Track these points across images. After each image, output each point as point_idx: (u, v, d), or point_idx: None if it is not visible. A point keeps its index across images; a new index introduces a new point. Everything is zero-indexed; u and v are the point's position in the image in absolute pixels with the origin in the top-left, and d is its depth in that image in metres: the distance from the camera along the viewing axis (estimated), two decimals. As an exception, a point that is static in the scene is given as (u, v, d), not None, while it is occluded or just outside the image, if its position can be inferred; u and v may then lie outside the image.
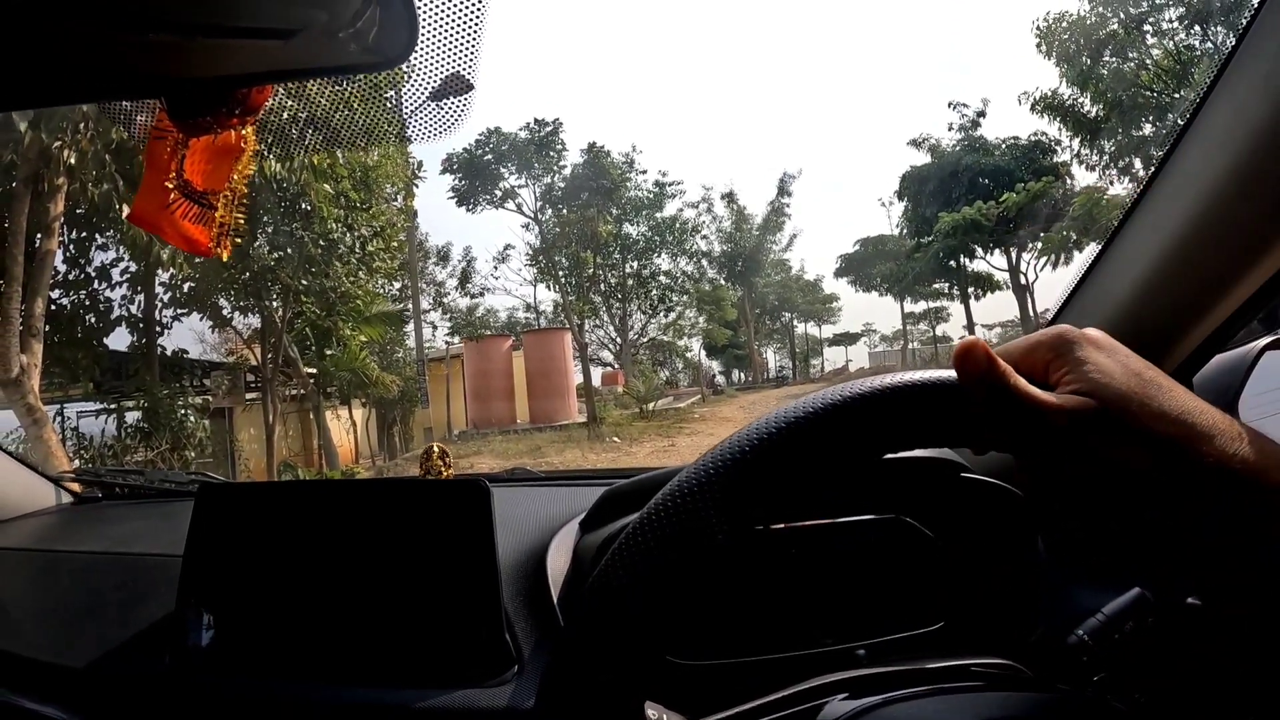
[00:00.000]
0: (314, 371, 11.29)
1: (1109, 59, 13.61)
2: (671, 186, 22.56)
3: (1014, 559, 0.66)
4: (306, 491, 0.77)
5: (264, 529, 0.73)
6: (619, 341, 23.32)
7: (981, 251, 17.56)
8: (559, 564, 0.70)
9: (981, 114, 19.39)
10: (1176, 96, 12.38)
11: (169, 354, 9.53)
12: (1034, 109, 14.76)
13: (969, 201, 16.70)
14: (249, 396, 11.35)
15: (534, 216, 19.61)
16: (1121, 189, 13.65)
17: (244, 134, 0.70)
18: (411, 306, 15.29)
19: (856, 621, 0.66)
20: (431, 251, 21.80)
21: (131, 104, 0.72)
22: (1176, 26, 12.93)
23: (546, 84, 56.44)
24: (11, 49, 0.41)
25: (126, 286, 8.83)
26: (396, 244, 11.35)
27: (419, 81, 0.60)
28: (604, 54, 61.19)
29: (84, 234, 8.28)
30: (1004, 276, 18.01)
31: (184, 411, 9.36)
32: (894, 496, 0.68)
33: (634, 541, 0.40)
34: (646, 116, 54.69)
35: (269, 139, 0.75)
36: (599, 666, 0.43)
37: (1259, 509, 0.33)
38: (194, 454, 9.10)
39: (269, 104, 0.66)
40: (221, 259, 0.82)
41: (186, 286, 9.29)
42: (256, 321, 10.38)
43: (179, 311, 9.58)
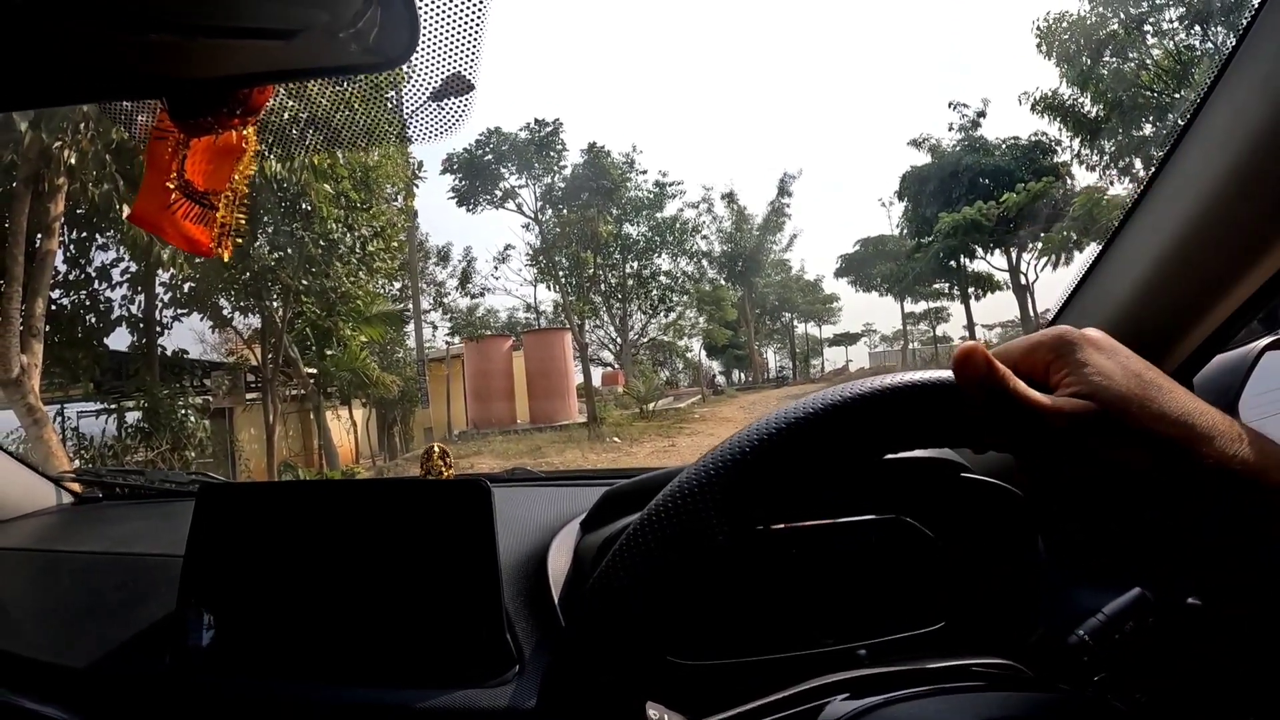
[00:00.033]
0: (314, 371, 11.30)
1: (1109, 59, 13.62)
2: (671, 186, 22.66)
3: (1014, 559, 0.66)
4: (307, 492, 0.77)
5: (265, 529, 0.73)
6: (619, 342, 23.34)
7: (982, 252, 17.58)
8: (560, 564, 0.70)
9: (982, 114, 19.42)
10: (1177, 97, 12.38)
11: (169, 354, 9.54)
12: (1034, 109, 14.77)
13: (969, 201, 16.70)
14: (249, 397, 11.35)
15: (534, 216, 19.64)
16: (1122, 189, 13.67)
17: (245, 134, 0.70)
18: (412, 306, 15.29)
19: (857, 622, 0.66)
20: (432, 252, 21.86)
21: (132, 104, 0.72)
22: (1176, 27, 12.95)
23: (546, 84, 56.55)
24: (12, 49, 0.41)
25: (127, 286, 8.85)
26: (397, 244, 11.36)
27: (420, 82, 0.60)
28: (604, 54, 61.27)
29: (84, 234, 8.29)
30: (1004, 277, 18.03)
31: (184, 412, 9.36)
32: (894, 497, 0.68)
33: (635, 542, 0.40)
34: (646, 116, 54.82)
35: (270, 139, 0.75)
36: (600, 667, 0.43)
37: (1259, 509, 0.33)
38: (194, 454, 9.10)
39: (270, 104, 0.66)
40: (222, 259, 0.82)
41: (187, 287, 9.30)
42: (257, 321, 10.39)
43: (179, 311, 9.60)
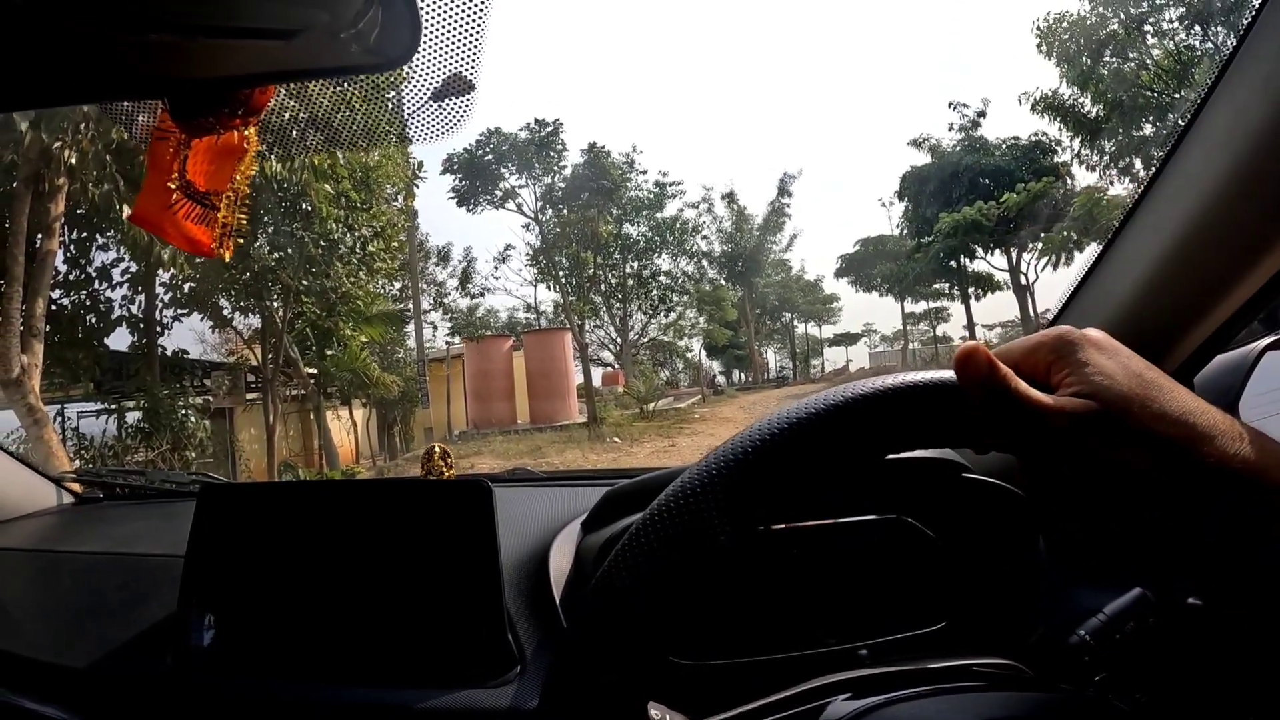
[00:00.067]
0: (314, 372, 11.30)
1: (1109, 59, 13.61)
2: (672, 186, 22.66)
3: (1015, 559, 0.66)
4: (309, 492, 0.77)
5: (266, 529, 0.73)
6: (619, 342, 23.33)
7: (982, 252, 17.58)
8: (561, 564, 0.70)
9: (982, 114, 19.41)
10: (1177, 97, 12.37)
11: (169, 354, 9.54)
12: (1034, 109, 14.77)
13: (969, 202, 16.69)
14: (249, 397, 11.35)
15: (534, 217, 19.63)
16: (1122, 189, 13.67)
17: (247, 135, 0.70)
18: (412, 307, 15.30)
19: (858, 622, 0.66)
20: (432, 252, 21.85)
21: (133, 105, 0.73)
22: (1177, 27, 12.94)
23: (547, 84, 56.56)
24: (13, 49, 0.41)
25: (127, 287, 8.86)
26: (397, 244, 11.37)
27: (421, 82, 0.60)
28: (604, 54, 61.28)
29: (85, 234, 8.30)
30: (1004, 277, 18.02)
31: (184, 412, 9.36)
32: (895, 497, 0.68)
33: (637, 543, 0.40)
34: (646, 116, 54.85)
35: (270, 139, 0.75)
36: (602, 667, 0.43)
37: (1259, 509, 0.33)
38: (194, 454, 9.10)
39: (271, 104, 0.66)
40: (223, 259, 0.83)
41: (187, 287, 9.30)
42: (257, 322, 10.40)
43: (179, 312, 9.61)
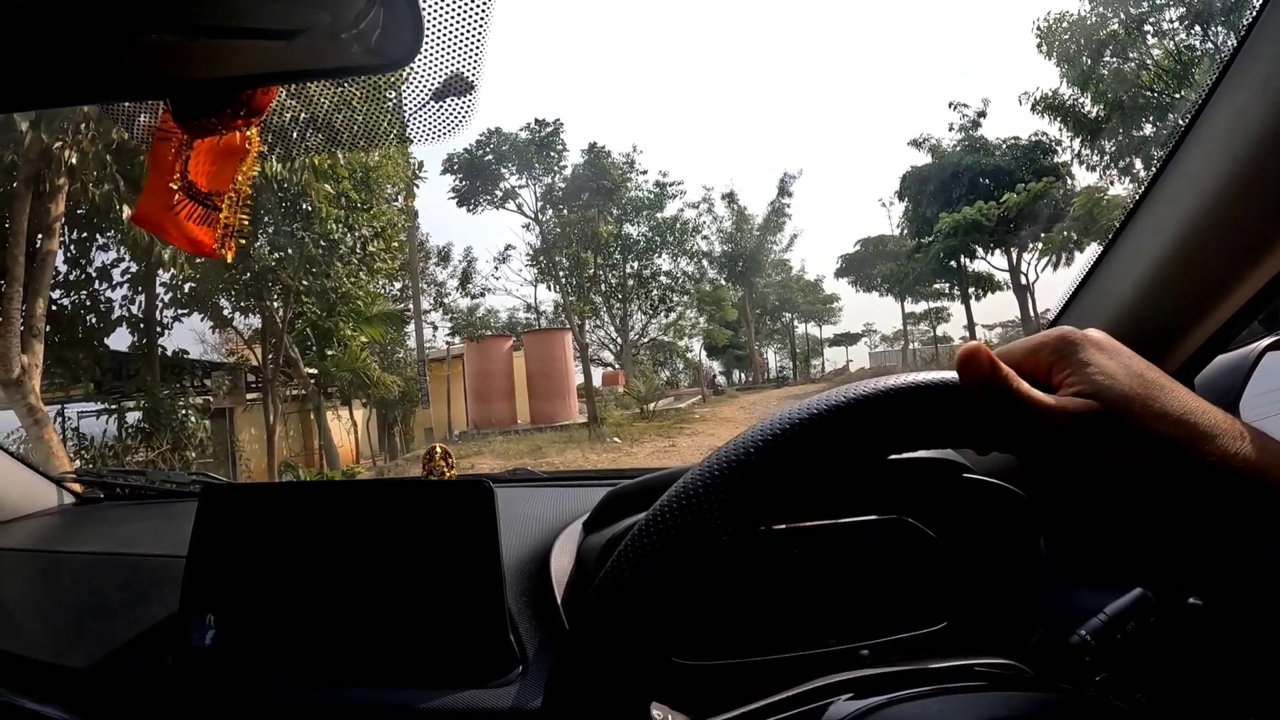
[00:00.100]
0: (315, 372, 11.30)
1: (1110, 59, 13.60)
2: (672, 186, 22.61)
3: (1016, 559, 0.66)
4: (309, 492, 0.77)
5: (267, 530, 0.73)
6: (619, 342, 23.32)
7: (982, 252, 17.56)
8: (563, 565, 0.70)
9: (982, 114, 19.39)
10: (1177, 97, 12.37)
11: (170, 354, 9.53)
12: (1034, 109, 14.76)
13: (969, 202, 16.68)
14: (250, 397, 11.35)
15: (534, 217, 19.62)
16: (1122, 189, 13.66)
17: (248, 135, 0.70)
18: (412, 307, 15.29)
19: (860, 622, 0.67)
20: (432, 252, 21.83)
21: (134, 105, 0.73)
22: (1177, 27, 12.93)
23: (547, 84, 56.55)
24: (13, 49, 0.41)
25: (127, 287, 8.85)
26: (397, 244, 11.37)
27: (422, 83, 0.60)
28: (605, 54, 61.29)
29: (85, 234, 8.29)
30: (1004, 277, 18.01)
31: (185, 412, 9.35)
32: (896, 497, 0.69)
33: (640, 543, 0.40)
34: (646, 116, 54.83)
35: (272, 140, 0.75)
36: (604, 667, 0.43)
37: (1260, 509, 0.33)
38: (195, 454, 9.09)
39: (272, 105, 0.66)
40: (226, 260, 0.83)
41: (187, 287, 9.30)
42: (257, 322, 10.39)
43: (180, 312, 9.60)
